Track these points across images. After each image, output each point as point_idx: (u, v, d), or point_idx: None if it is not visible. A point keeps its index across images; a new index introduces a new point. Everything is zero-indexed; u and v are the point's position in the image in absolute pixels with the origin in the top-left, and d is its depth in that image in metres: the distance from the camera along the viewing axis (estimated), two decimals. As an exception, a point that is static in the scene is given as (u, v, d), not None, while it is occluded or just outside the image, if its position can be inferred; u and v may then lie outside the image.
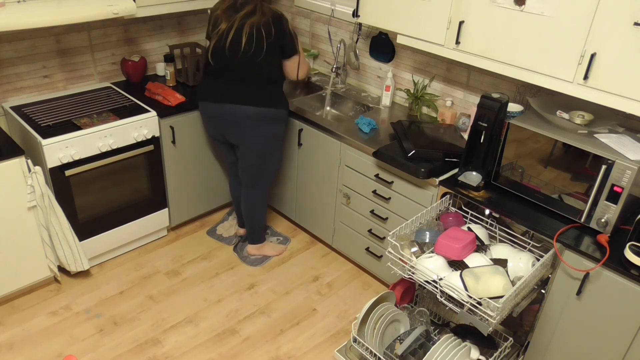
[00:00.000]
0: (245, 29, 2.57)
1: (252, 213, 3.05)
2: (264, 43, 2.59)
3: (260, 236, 3.18)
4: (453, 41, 2.42)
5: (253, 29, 2.57)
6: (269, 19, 2.58)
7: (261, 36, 2.57)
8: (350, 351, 2.39)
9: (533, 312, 2.30)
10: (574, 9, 1.98)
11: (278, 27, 2.60)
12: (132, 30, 3.22)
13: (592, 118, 2.20)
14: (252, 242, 3.20)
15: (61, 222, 2.68)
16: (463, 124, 2.80)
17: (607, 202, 2.00)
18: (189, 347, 2.59)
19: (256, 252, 3.21)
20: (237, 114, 2.68)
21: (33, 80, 2.93)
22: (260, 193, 2.99)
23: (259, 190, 2.97)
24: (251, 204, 3.01)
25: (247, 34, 2.57)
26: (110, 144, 2.76)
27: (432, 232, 2.22)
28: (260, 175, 2.91)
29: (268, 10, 2.60)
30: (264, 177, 2.93)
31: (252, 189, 2.96)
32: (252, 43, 2.58)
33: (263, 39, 2.58)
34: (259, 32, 2.57)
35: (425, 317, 2.41)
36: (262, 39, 2.58)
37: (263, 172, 2.90)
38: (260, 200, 3.02)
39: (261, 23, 2.57)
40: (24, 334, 2.60)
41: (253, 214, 3.06)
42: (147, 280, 2.98)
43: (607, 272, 1.94)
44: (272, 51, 2.63)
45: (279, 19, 2.61)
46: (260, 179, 2.93)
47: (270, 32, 2.59)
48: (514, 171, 2.26)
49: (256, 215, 3.07)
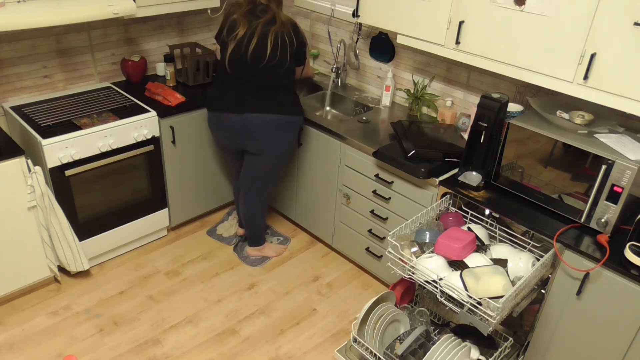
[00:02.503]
0: (269, 37, 2.56)
1: (253, 218, 3.05)
2: (287, 52, 2.60)
3: (260, 239, 3.18)
4: (453, 41, 2.42)
5: (278, 38, 2.57)
6: (289, 27, 2.60)
7: (285, 45, 2.59)
8: (350, 351, 2.39)
9: (533, 312, 2.30)
10: (574, 9, 1.98)
11: (297, 36, 2.64)
12: (132, 30, 3.22)
13: (592, 118, 2.20)
14: (251, 244, 3.19)
15: (61, 222, 2.68)
16: (463, 124, 2.80)
17: (607, 202, 2.00)
18: (189, 347, 2.59)
19: (256, 253, 3.21)
20: (259, 122, 2.65)
21: (33, 80, 2.93)
22: (262, 199, 2.98)
23: (261, 196, 2.96)
24: (252, 210, 3.00)
25: (272, 42, 2.56)
26: (110, 144, 2.76)
27: (432, 232, 2.22)
28: (265, 182, 2.90)
29: (285, 18, 2.61)
30: (268, 184, 2.92)
31: (254, 195, 2.94)
32: (277, 51, 2.58)
33: (287, 48, 2.60)
34: (284, 41, 2.58)
35: (425, 317, 2.41)
36: (286, 48, 2.59)
37: (269, 179, 2.89)
38: (262, 206, 3.01)
39: (284, 32, 2.58)
40: (24, 334, 2.60)
41: (254, 219, 3.05)
42: (147, 280, 2.98)
43: (607, 272, 1.94)
44: (293, 59, 2.67)
45: (296, 27, 2.65)
46: (265, 186, 2.92)
47: (293, 41, 2.62)
48: (514, 171, 2.26)
49: (257, 219, 3.06)
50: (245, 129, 2.69)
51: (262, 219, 3.09)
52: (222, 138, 2.82)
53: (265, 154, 2.76)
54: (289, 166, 3.24)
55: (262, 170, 2.84)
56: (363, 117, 2.97)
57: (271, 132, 2.68)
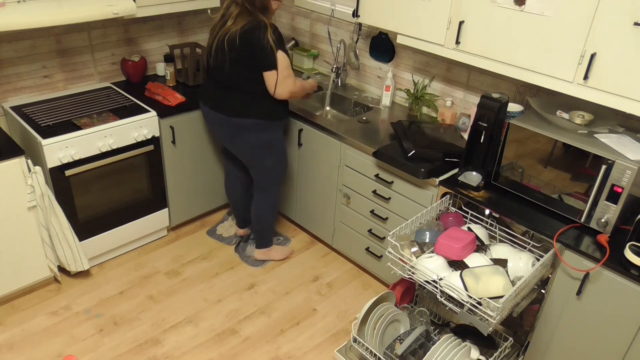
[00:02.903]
0: (217, 37, 2.55)
1: (259, 215, 3.01)
2: (226, 58, 2.52)
3: (266, 241, 3.13)
4: (453, 41, 2.42)
5: (218, 41, 2.54)
6: (237, 31, 2.44)
7: (224, 50, 2.52)
8: (350, 351, 2.39)
9: (533, 312, 2.30)
10: (574, 9, 1.98)
11: (246, 41, 2.44)
12: (132, 30, 3.22)
13: (592, 118, 2.20)
14: (258, 246, 3.15)
15: (61, 222, 2.68)
16: (463, 124, 2.80)
17: (607, 202, 2.00)
18: (189, 347, 2.59)
19: (263, 256, 3.16)
20: (221, 121, 2.69)
21: (33, 80, 2.93)
22: (267, 196, 2.93)
23: (268, 193, 2.93)
24: (258, 206, 2.98)
25: (216, 43, 2.55)
26: (110, 144, 2.76)
27: (432, 232, 2.22)
28: (266, 179, 2.86)
29: (246, 19, 2.45)
30: (270, 180, 2.88)
31: (261, 191, 2.93)
32: (217, 55, 2.56)
33: (225, 54, 2.52)
34: (222, 44, 2.51)
35: (425, 317, 2.41)
36: (225, 53, 2.52)
37: (267, 176, 2.86)
38: (268, 204, 2.97)
39: (228, 34, 2.48)
40: (24, 334, 2.60)
41: (260, 216, 3.01)
42: (147, 280, 2.98)
43: (607, 272, 1.94)
44: (241, 65, 2.50)
45: (249, 33, 2.42)
46: (268, 183, 2.88)
47: (234, 45, 2.47)
48: (514, 171, 2.26)
49: (263, 218, 3.01)
50: (215, 125, 2.75)
51: (270, 219, 3.04)
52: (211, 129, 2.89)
53: (236, 153, 2.81)
54: (289, 166, 3.24)
55: (253, 169, 2.85)
56: (363, 117, 2.97)
57: (234, 133, 2.69)
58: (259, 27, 2.42)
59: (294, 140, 3.11)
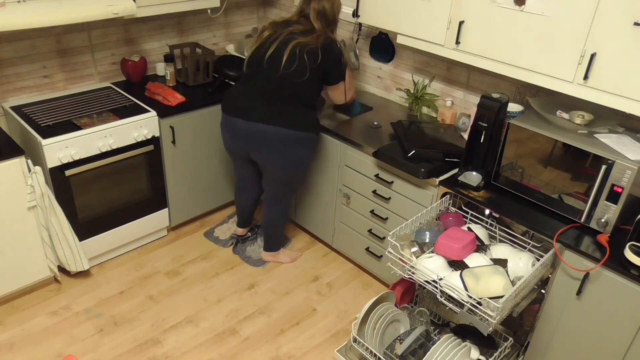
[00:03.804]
0: (290, 45, 2.48)
1: (272, 224, 3.01)
2: (307, 68, 2.49)
3: (276, 245, 3.14)
4: (453, 41, 2.42)
5: (296, 49, 2.47)
6: (320, 43, 2.49)
7: (303, 60, 2.48)
8: (350, 351, 2.39)
9: (533, 312, 2.30)
10: (574, 9, 1.98)
11: (326, 54, 2.51)
12: (132, 30, 3.22)
13: (592, 118, 2.20)
14: (267, 249, 3.15)
15: (61, 222, 2.68)
16: (463, 124, 2.80)
17: (607, 202, 2.00)
18: (189, 347, 2.59)
19: (271, 259, 3.18)
20: (267, 134, 2.56)
21: (33, 80, 2.93)
22: (283, 207, 2.94)
23: (282, 204, 2.93)
24: (271, 216, 2.97)
25: (289, 51, 2.48)
26: (110, 144, 2.76)
27: (432, 232, 2.22)
28: (284, 191, 2.86)
29: (323, 37, 2.52)
30: (287, 192, 2.88)
31: (275, 202, 2.91)
32: (293, 63, 2.48)
33: (306, 64, 2.48)
34: (302, 54, 2.47)
35: (425, 317, 2.41)
36: (304, 63, 2.48)
37: (287, 190, 2.85)
38: (283, 213, 2.97)
39: (309, 46, 2.47)
40: (24, 334, 2.60)
41: (273, 226, 3.02)
42: (147, 280, 2.98)
43: (607, 272, 1.94)
44: (315, 77, 2.54)
45: (329, 46, 2.52)
46: (284, 195, 2.88)
47: (316, 58, 2.49)
48: (514, 171, 2.26)
49: (277, 227, 3.03)
50: (255, 139, 2.61)
51: (282, 227, 3.06)
52: (229, 141, 2.75)
53: (270, 167, 2.70)
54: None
55: (276, 182, 2.79)
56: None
57: (280, 147, 2.60)
58: (336, 46, 2.59)
59: (294, 140, 3.11)
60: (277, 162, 2.66)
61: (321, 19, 2.56)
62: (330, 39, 2.56)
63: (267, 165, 2.70)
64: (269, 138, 2.57)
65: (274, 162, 2.66)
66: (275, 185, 2.82)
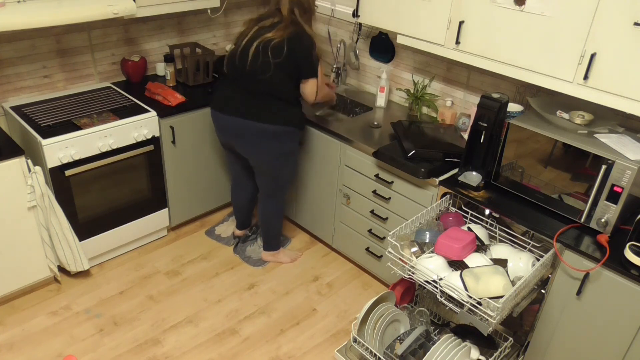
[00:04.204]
0: (255, 42, 2.50)
1: (267, 221, 3.03)
2: (270, 64, 2.49)
3: (275, 244, 3.15)
4: (453, 41, 2.42)
5: (260, 46, 2.49)
6: (284, 38, 2.46)
7: (267, 56, 2.48)
8: (350, 351, 2.39)
9: (533, 312, 2.30)
10: (574, 9, 1.98)
11: (293, 47, 2.48)
12: (132, 30, 3.22)
13: (592, 118, 2.20)
14: (267, 248, 3.16)
15: (61, 222, 2.68)
16: (463, 124, 2.80)
17: (607, 202, 2.00)
18: (189, 347, 2.59)
19: (271, 258, 3.18)
20: (243, 128, 2.62)
21: (33, 80, 2.93)
22: (276, 202, 2.95)
23: (275, 199, 2.94)
24: (267, 213, 2.99)
25: (254, 49, 2.50)
26: (110, 144, 2.76)
27: (432, 232, 2.22)
28: (275, 186, 2.87)
29: (291, 28, 2.48)
30: (279, 188, 2.89)
31: (268, 198, 2.93)
32: (257, 60, 2.50)
33: (269, 59, 2.49)
34: (266, 51, 2.48)
35: (425, 317, 2.41)
36: (268, 59, 2.49)
37: (277, 184, 2.86)
38: (276, 209, 2.99)
39: (273, 40, 2.47)
40: (24, 334, 2.60)
41: (269, 222, 3.03)
42: (147, 280, 2.98)
43: (607, 272, 1.94)
44: (285, 71, 2.52)
45: (296, 39, 2.48)
46: (276, 190, 2.89)
47: (281, 52, 2.47)
48: (514, 171, 2.26)
49: (272, 223, 3.04)
50: (234, 133, 2.68)
51: (277, 225, 3.06)
52: (219, 136, 2.83)
53: (253, 161, 2.75)
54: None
55: (264, 177, 2.82)
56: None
57: (257, 140, 2.64)
58: (307, 38, 2.51)
59: (294, 140, 3.11)
60: (258, 156, 2.71)
61: (295, 6, 2.51)
62: (300, 30, 2.50)
63: (250, 159, 2.76)
64: (248, 132, 2.64)
65: (256, 155, 2.72)
66: (265, 180, 2.84)
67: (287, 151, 2.72)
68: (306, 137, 3.02)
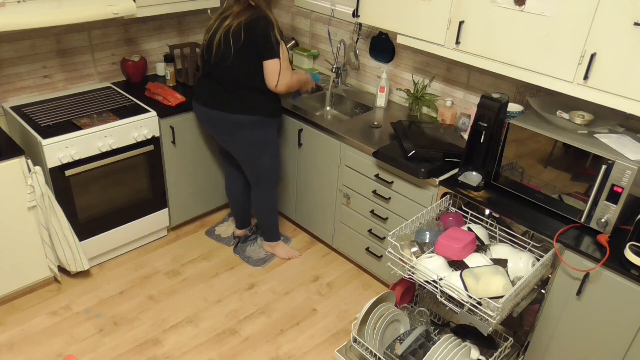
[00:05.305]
0: (218, 32, 2.54)
1: (259, 211, 3.07)
2: (231, 50, 2.52)
3: (272, 235, 3.19)
4: (453, 41, 2.42)
5: (222, 35, 2.53)
6: (242, 23, 2.47)
7: (228, 43, 2.51)
8: (350, 351, 2.39)
9: (533, 312, 2.30)
10: (574, 9, 1.98)
11: (250, 30, 2.47)
12: (132, 30, 3.23)
13: (592, 118, 2.20)
14: (266, 239, 3.22)
15: (61, 222, 2.68)
16: (463, 124, 2.80)
17: (607, 202, 2.00)
18: (189, 347, 2.59)
19: (269, 249, 3.24)
20: (217, 119, 2.70)
21: (33, 80, 2.93)
22: (264, 193, 2.98)
23: (263, 190, 2.97)
24: (257, 204, 3.04)
25: (217, 39, 2.54)
26: (110, 144, 2.76)
27: (432, 232, 2.22)
28: (258, 176, 2.90)
29: (248, 13, 2.48)
30: (262, 178, 2.91)
31: (255, 189, 2.98)
32: (220, 49, 2.55)
33: (230, 46, 2.51)
34: (227, 38, 2.51)
35: (425, 317, 2.41)
36: (229, 46, 2.52)
37: (259, 174, 2.89)
38: (266, 200, 3.01)
39: (232, 27, 2.49)
40: (24, 334, 2.60)
41: (260, 212, 3.08)
42: (147, 280, 2.98)
43: (607, 272, 1.94)
44: (244, 56, 2.52)
45: (254, 22, 2.46)
46: (260, 180, 2.92)
47: (239, 37, 2.49)
48: (514, 171, 2.26)
49: (264, 213, 3.08)
50: (210, 124, 2.76)
51: (270, 214, 3.10)
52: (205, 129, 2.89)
53: (232, 151, 2.82)
54: (289, 166, 3.24)
55: (246, 167, 2.88)
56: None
57: (229, 130, 2.70)
58: (264, 19, 2.48)
59: (294, 140, 3.11)
60: (234, 146, 2.77)
61: None
62: (258, 13, 2.48)
63: (229, 149, 2.82)
64: (222, 123, 2.70)
65: (232, 145, 2.78)
66: (248, 170, 2.89)
67: (262, 140, 2.75)
68: (306, 137, 3.02)
